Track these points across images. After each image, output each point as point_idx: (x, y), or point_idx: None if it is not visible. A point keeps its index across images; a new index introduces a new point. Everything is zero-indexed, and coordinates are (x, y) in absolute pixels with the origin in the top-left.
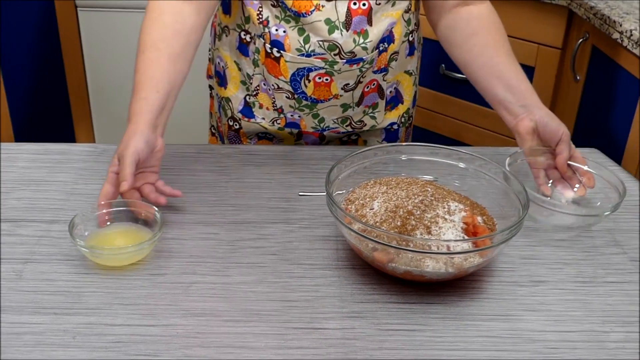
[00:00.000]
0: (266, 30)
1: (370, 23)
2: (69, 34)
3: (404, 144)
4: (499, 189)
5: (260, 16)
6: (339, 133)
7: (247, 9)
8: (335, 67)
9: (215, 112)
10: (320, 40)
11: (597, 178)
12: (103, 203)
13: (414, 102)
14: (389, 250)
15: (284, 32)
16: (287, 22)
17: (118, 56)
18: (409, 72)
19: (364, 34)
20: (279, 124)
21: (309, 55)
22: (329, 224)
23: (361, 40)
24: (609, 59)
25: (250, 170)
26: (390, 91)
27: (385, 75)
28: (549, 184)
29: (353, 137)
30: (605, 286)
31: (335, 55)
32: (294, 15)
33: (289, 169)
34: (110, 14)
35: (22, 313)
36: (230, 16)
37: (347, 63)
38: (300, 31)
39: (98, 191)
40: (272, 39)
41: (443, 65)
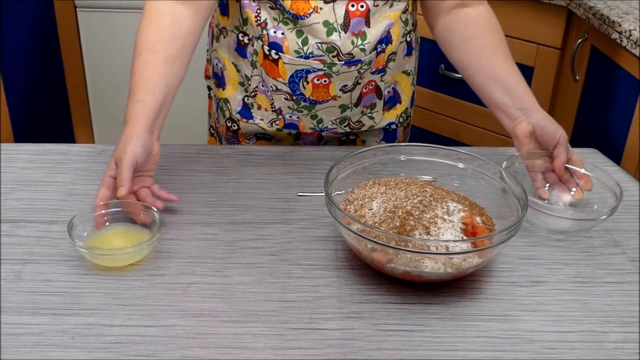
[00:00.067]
0: (264, 32)
1: (368, 25)
2: (69, 35)
3: (403, 144)
4: (498, 189)
5: (259, 18)
6: (337, 133)
7: (245, 11)
8: (334, 69)
9: (213, 113)
10: (319, 42)
11: (595, 181)
12: (101, 204)
13: (412, 102)
14: (387, 251)
15: (282, 34)
16: (286, 24)
17: (117, 57)
18: (406, 72)
19: (362, 35)
20: (277, 124)
21: (307, 57)
22: (328, 225)
23: (359, 41)
24: (608, 59)
25: (249, 171)
26: (388, 91)
27: (383, 75)
28: (546, 187)
29: (351, 137)
30: (604, 286)
31: (333, 57)
32: (292, 18)
33: (288, 169)
34: (110, 15)
35: (21, 314)
36: (228, 18)
37: (346, 65)
38: (299, 33)
39: (97, 192)
40: (271, 41)
41: (442, 65)
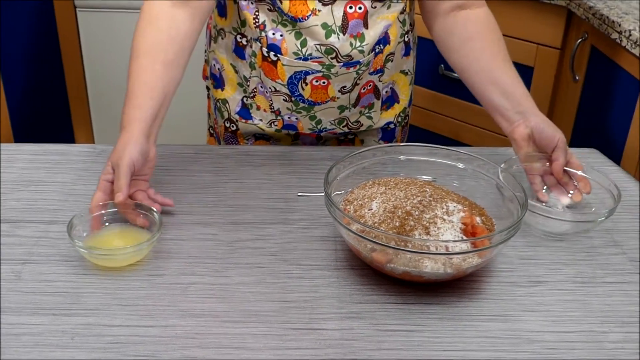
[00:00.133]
0: (263, 34)
1: (366, 26)
2: (68, 35)
3: (403, 144)
4: (498, 189)
5: (257, 20)
6: (335, 134)
7: (243, 13)
8: (332, 71)
9: (212, 113)
10: (317, 44)
11: (593, 183)
12: (100, 204)
13: (410, 102)
14: (387, 251)
15: (281, 36)
16: (284, 26)
17: (117, 57)
18: (404, 72)
19: (360, 37)
20: (276, 125)
21: (306, 59)
22: (328, 225)
23: (358, 43)
24: (608, 59)
25: (248, 171)
26: (386, 91)
27: (381, 76)
28: (544, 190)
29: (350, 137)
30: (604, 286)
31: (332, 58)
32: (290, 20)
33: (287, 169)
34: (110, 15)
35: (21, 314)
36: (226, 19)
37: (344, 66)
38: (297, 35)
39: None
40: (269, 42)
41: (442, 65)
